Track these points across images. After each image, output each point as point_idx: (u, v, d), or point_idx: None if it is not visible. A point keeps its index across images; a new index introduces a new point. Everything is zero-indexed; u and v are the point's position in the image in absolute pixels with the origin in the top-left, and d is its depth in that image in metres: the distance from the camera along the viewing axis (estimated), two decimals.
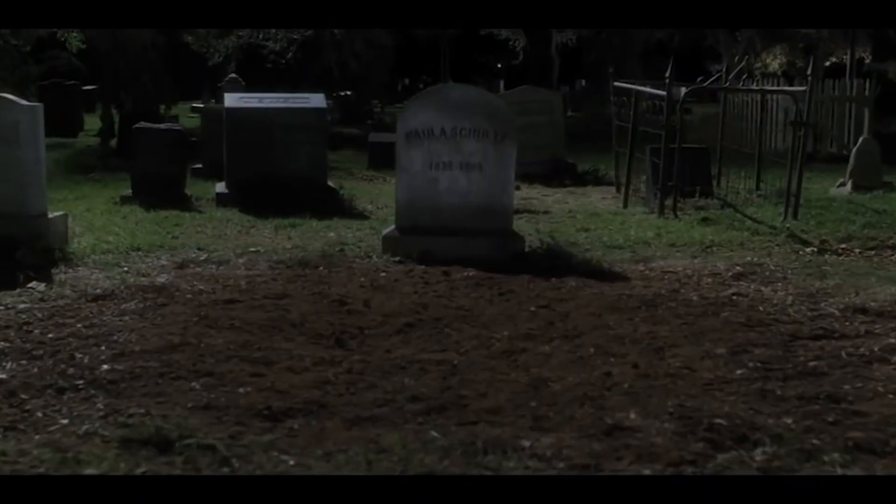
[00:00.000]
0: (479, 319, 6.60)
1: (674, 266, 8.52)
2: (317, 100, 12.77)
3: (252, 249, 9.12)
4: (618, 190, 13.92)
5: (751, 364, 5.55)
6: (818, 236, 10.26)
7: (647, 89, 12.56)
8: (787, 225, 10.85)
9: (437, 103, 9.07)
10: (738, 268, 8.48)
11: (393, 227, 9.15)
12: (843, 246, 9.85)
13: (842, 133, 19.12)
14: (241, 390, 5.05)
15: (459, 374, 5.42)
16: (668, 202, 11.68)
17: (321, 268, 8.21)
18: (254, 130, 12.22)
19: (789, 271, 8.42)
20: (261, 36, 26.98)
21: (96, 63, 20.27)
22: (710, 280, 7.97)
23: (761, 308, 6.94)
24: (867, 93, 18.75)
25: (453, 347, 6.00)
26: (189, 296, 7.09)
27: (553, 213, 12.21)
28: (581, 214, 11.84)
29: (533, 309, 6.84)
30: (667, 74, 11.29)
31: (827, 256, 9.25)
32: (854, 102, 19.08)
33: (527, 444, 4.31)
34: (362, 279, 7.80)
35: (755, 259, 8.92)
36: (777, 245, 9.78)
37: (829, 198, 13.04)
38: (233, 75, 17.24)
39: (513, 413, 4.75)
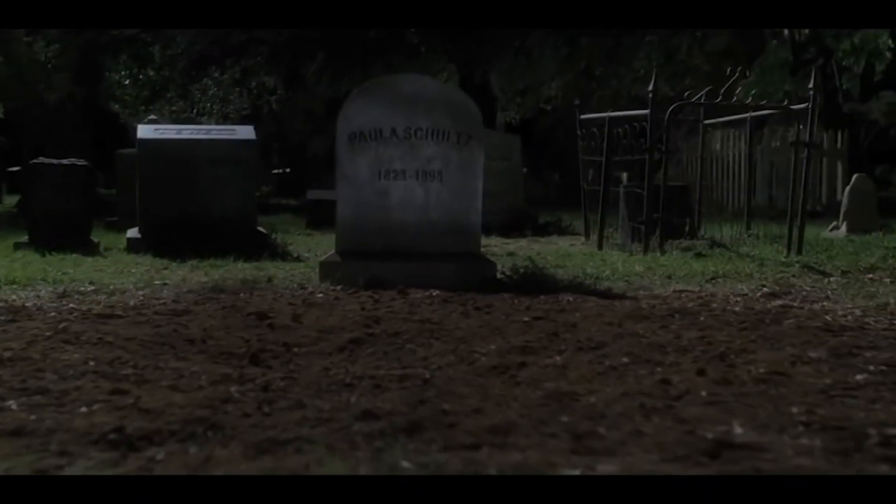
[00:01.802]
0: (453, 334, 4.60)
1: (685, 289, 6.57)
2: (245, 131, 10.74)
3: (157, 282, 7.05)
4: (587, 237, 12.00)
5: (871, 367, 3.59)
6: (836, 268, 8.37)
7: (624, 112, 10.72)
8: (796, 259, 8.96)
9: (387, 98, 7.14)
10: (765, 289, 6.57)
11: (333, 251, 7.13)
12: (871, 276, 7.95)
13: (814, 189, 17.34)
14: (83, 409, 3.01)
15: (435, 388, 3.41)
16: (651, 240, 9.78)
17: (241, 293, 6.16)
18: (172, 165, 10.15)
19: (829, 292, 6.55)
20: (195, 111, 25.12)
21: (16, 127, 18.19)
22: (739, 298, 6.04)
23: (829, 318, 5.00)
24: (839, 145, 17.14)
25: (420, 364, 4.01)
26: (53, 314, 5.03)
27: (518, 255, 10.23)
28: (552, 256, 9.88)
29: (526, 320, 4.86)
30: (649, 89, 9.47)
31: (859, 283, 7.33)
32: (825, 157, 17.39)
33: (574, 472, 2.29)
34: (291, 298, 5.77)
35: (779, 283, 7.00)
36: (793, 275, 7.86)
37: (826, 239, 11.20)
38: (152, 116, 15.16)
39: (534, 431, 2.76)
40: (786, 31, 29.28)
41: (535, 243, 12.04)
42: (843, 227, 11.93)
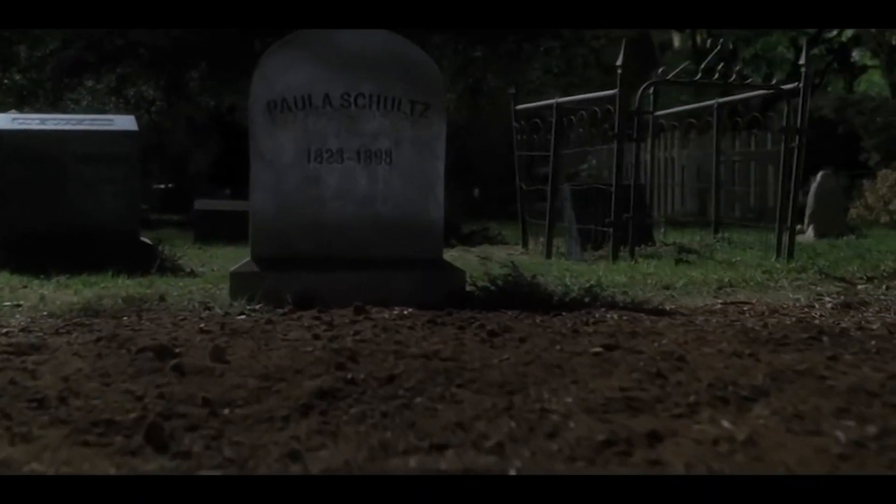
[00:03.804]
0: (486, 377, 2.70)
1: (732, 301, 4.81)
2: (124, 121, 8.62)
3: (7, 304, 4.99)
4: (525, 245, 10.18)
5: None
6: (849, 274, 6.71)
7: (580, 96, 8.92)
8: (801, 264, 7.28)
9: (319, 53, 5.22)
10: (827, 299, 4.84)
11: (248, 259, 5.16)
12: None
13: (747, 194, 15.65)
14: None
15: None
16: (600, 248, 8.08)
17: (126, 317, 4.18)
18: (35, 163, 7.96)
19: None
20: None
21: None
22: (823, 312, 4.27)
23: None
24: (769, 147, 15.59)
25: (459, 437, 2.12)
26: None
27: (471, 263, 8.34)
28: (496, 266, 7.99)
29: (597, 351, 2.97)
30: (618, 63, 7.69)
31: None
32: (753, 160, 15.76)
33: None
34: (203, 324, 3.80)
35: (827, 293, 5.29)
36: (813, 284, 6.16)
37: (800, 244, 9.58)
38: (14, 111, 12.86)
39: None
40: (675, 41, 28.25)
41: (468, 254, 10.16)
42: (810, 231, 10.34)
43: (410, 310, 4.10)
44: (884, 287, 5.70)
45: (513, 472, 1.86)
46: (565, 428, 2.19)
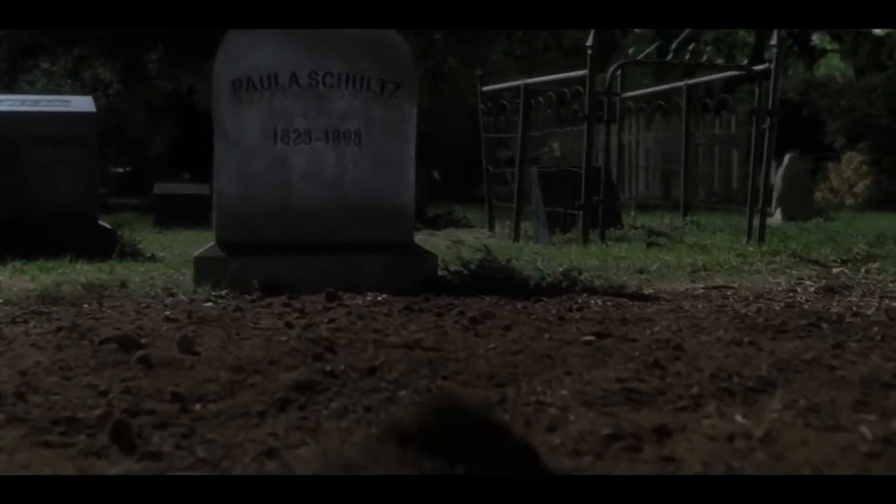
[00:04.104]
0: (473, 368, 2.55)
1: (715, 286, 4.70)
2: (81, 102, 8.38)
3: None
4: (491, 228, 10.03)
5: None
6: (823, 257, 6.62)
7: (550, 77, 8.77)
8: (773, 247, 7.18)
9: (286, 31, 5.02)
10: (808, 283, 4.73)
11: (212, 243, 4.96)
12: (875, 265, 6.21)
13: (714, 177, 15.55)
14: None
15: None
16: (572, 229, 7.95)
17: (86, 304, 3.98)
18: None
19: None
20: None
21: None
22: (808, 296, 4.16)
23: None
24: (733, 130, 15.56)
25: None
26: None
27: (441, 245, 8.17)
28: (468, 250, 7.84)
29: (589, 339, 2.82)
30: (588, 43, 7.54)
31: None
32: (718, 143, 15.69)
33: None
34: (168, 312, 3.62)
35: (825, 276, 5.20)
36: (788, 267, 6.05)
37: (770, 227, 9.51)
38: None
39: None
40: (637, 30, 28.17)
41: (434, 237, 10.01)
42: (778, 214, 10.25)
43: (385, 296, 3.95)
44: (862, 270, 5.60)
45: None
46: (564, 423, 2.04)
